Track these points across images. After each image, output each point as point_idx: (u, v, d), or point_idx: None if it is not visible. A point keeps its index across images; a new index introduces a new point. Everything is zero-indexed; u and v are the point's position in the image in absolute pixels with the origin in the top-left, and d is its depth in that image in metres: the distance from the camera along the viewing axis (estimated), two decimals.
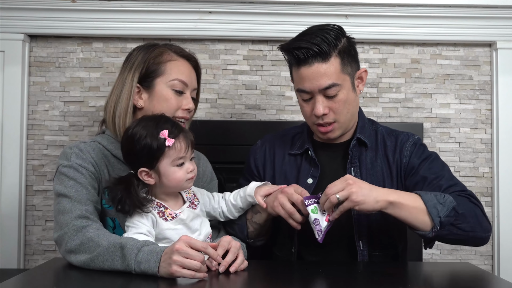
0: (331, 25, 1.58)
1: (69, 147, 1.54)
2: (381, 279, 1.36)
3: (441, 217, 1.42)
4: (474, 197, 1.53)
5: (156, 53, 1.59)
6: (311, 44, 1.52)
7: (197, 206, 1.47)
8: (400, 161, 1.61)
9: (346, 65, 1.56)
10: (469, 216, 1.46)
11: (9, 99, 2.19)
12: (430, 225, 1.43)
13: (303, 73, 1.54)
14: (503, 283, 1.37)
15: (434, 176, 1.55)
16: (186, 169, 1.41)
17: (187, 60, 1.64)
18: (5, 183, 2.17)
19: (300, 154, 1.69)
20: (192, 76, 1.64)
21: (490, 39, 2.22)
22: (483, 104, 2.26)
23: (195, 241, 1.24)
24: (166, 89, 1.57)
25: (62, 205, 1.44)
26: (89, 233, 1.36)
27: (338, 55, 1.54)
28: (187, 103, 1.59)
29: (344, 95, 1.55)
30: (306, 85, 1.55)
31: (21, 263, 2.17)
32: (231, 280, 1.29)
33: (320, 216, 1.47)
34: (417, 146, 1.63)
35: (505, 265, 2.19)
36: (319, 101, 1.55)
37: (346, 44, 1.57)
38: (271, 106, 2.26)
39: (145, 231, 1.36)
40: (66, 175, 1.48)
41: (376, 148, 1.64)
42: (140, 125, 1.41)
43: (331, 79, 1.53)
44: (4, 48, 2.18)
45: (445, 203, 1.43)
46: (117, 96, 1.58)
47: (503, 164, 2.21)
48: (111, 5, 2.16)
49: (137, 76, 1.57)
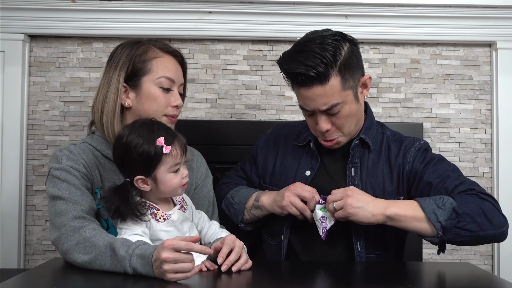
0: (329, 37, 1.50)
1: (59, 149, 1.54)
2: (380, 279, 1.36)
3: (441, 222, 1.41)
4: (484, 193, 1.50)
5: (141, 51, 1.57)
6: (307, 68, 1.46)
7: (186, 210, 1.47)
8: (403, 166, 1.59)
9: (347, 80, 1.51)
10: (474, 215, 1.43)
11: (9, 99, 2.19)
12: (433, 232, 1.43)
13: (303, 94, 1.52)
14: (503, 283, 1.37)
15: (439, 179, 1.53)
16: (182, 174, 1.41)
17: (173, 55, 1.61)
18: (5, 183, 2.18)
19: (303, 146, 1.69)
20: (179, 71, 1.62)
21: (490, 39, 2.22)
22: (483, 104, 2.26)
23: (179, 243, 1.22)
24: (154, 87, 1.55)
25: (57, 207, 1.44)
26: (86, 233, 1.36)
27: (338, 73, 1.48)
28: (176, 100, 1.58)
29: (346, 110, 1.53)
30: (307, 104, 1.53)
31: (21, 263, 2.17)
32: (231, 279, 1.29)
33: (328, 215, 1.51)
34: (421, 151, 1.61)
35: (505, 265, 2.19)
36: (322, 119, 1.53)
37: (347, 55, 1.50)
38: (271, 106, 2.26)
39: (139, 231, 1.36)
40: (59, 177, 1.47)
41: (380, 151, 1.63)
42: (135, 133, 1.38)
43: (331, 100, 1.49)
44: (4, 48, 2.18)
45: (444, 206, 1.42)
46: (103, 96, 1.56)
47: (503, 164, 2.21)
48: (111, 5, 2.16)
49: (123, 76, 1.55)
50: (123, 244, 1.29)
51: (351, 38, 1.55)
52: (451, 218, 1.41)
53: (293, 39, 2.19)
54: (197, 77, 2.25)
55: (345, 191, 1.46)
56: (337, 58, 1.48)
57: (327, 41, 1.49)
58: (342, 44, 1.50)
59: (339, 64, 1.48)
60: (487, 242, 1.54)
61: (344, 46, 1.50)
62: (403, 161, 1.60)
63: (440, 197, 1.45)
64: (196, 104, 2.25)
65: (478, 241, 1.50)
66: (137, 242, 1.30)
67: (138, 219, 1.36)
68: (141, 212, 1.37)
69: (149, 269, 1.23)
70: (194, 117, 2.24)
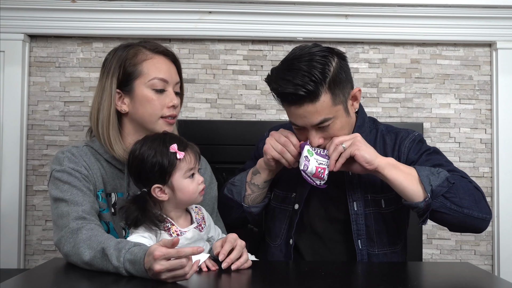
0: (317, 53, 1.48)
1: (61, 151, 1.54)
2: (381, 279, 1.36)
3: (432, 185, 1.44)
4: (475, 184, 1.53)
5: (131, 54, 1.54)
6: (296, 88, 1.44)
7: (203, 229, 1.47)
8: (398, 158, 1.60)
9: (337, 96, 1.50)
10: (463, 192, 1.46)
11: (9, 99, 2.19)
12: (422, 195, 1.46)
13: (294, 112, 1.51)
14: (503, 283, 1.37)
15: (431, 165, 1.55)
16: (197, 180, 1.42)
17: (164, 55, 1.58)
18: (5, 183, 2.18)
19: None
20: (172, 70, 1.58)
21: (490, 39, 2.22)
22: (483, 104, 2.26)
23: (168, 252, 1.19)
24: (147, 90, 1.53)
25: (60, 210, 1.44)
26: (82, 235, 1.36)
27: (328, 90, 1.47)
28: (171, 100, 1.55)
29: (337, 125, 1.53)
30: (298, 121, 1.52)
31: (21, 263, 2.17)
32: (232, 279, 1.29)
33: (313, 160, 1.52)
34: (416, 142, 1.62)
35: (505, 265, 2.19)
36: (313, 134, 1.53)
37: (336, 70, 1.48)
38: (271, 106, 2.26)
39: (146, 235, 1.37)
40: (60, 179, 1.48)
41: (375, 145, 1.63)
42: (146, 145, 1.41)
43: (322, 115, 1.49)
44: (4, 48, 2.18)
45: (438, 174, 1.46)
46: (98, 103, 1.55)
47: (503, 164, 2.21)
48: (111, 5, 2.16)
49: (115, 82, 1.53)
50: (115, 249, 1.28)
51: (339, 52, 1.54)
52: (442, 185, 1.45)
53: (293, 39, 2.21)
54: (197, 77, 2.26)
55: (354, 135, 1.51)
56: (326, 75, 1.46)
57: (315, 58, 1.47)
58: (330, 59, 1.48)
59: (329, 81, 1.47)
60: (468, 226, 1.52)
61: (333, 62, 1.49)
62: (399, 153, 1.61)
63: (436, 168, 1.49)
64: (196, 104, 2.25)
65: (459, 221, 1.49)
66: (128, 244, 1.28)
67: (156, 227, 1.37)
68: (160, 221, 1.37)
69: (143, 273, 1.22)
70: (194, 117, 2.24)
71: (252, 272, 1.36)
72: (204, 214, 1.51)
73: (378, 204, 1.60)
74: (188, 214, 1.48)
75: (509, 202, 2.20)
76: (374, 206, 1.60)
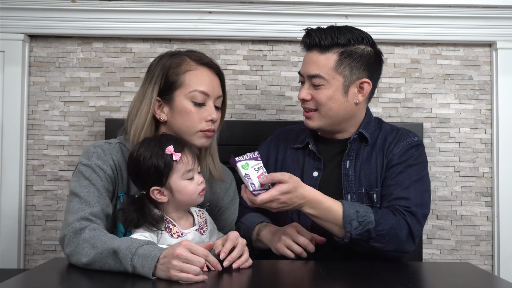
0: (363, 32, 1.63)
1: (93, 145, 1.52)
2: (381, 279, 1.36)
3: (352, 234, 1.47)
4: (415, 215, 1.53)
5: (175, 64, 1.53)
6: (319, 34, 1.59)
7: (205, 232, 1.47)
8: (388, 155, 1.64)
9: (343, 67, 1.58)
10: (387, 236, 1.49)
11: (9, 99, 2.19)
12: (342, 235, 1.50)
13: (305, 58, 1.65)
14: (503, 283, 1.38)
15: (393, 182, 1.58)
16: (197, 181, 1.42)
17: (208, 67, 1.56)
18: (5, 183, 2.17)
19: (302, 148, 1.73)
20: (215, 83, 1.56)
21: (490, 39, 2.22)
22: (483, 104, 2.26)
23: (196, 247, 1.23)
24: (186, 102, 1.51)
25: (71, 204, 1.43)
26: (85, 235, 1.35)
27: (338, 54, 1.59)
28: (210, 114, 1.52)
29: (329, 92, 1.59)
30: (303, 68, 1.64)
31: (21, 263, 2.17)
32: (232, 279, 1.29)
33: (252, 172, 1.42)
34: (409, 149, 1.64)
35: (505, 265, 2.19)
36: (305, 87, 1.63)
37: (361, 51, 1.60)
38: (271, 106, 2.26)
39: (147, 235, 1.37)
40: (83, 173, 1.47)
41: (375, 143, 1.67)
42: (143, 147, 1.41)
43: (318, 70, 1.58)
44: (4, 48, 2.18)
45: (363, 222, 1.47)
46: (137, 109, 1.54)
47: (503, 164, 2.21)
48: (111, 5, 2.16)
49: (157, 89, 1.52)
50: (126, 241, 1.29)
51: (379, 52, 1.67)
52: (363, 235, 1.47)
53: (293, 39, 2.21)
54: None
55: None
56: (346, 43, 1.59)
57: (356, 31, 1.62)
58: (362, 42, 1.61)
59: (345, 50, 1.59)
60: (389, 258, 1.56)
61: (364, 45, 1.61)
62: (392, 152, 1.64)
63: (365, 209, 1.49)
64: None
65: (381, 255, 1.54)
66: (142, 241, 1.29)
67: (155, 228, 1.38)
68: (158, 221, 1.38)
69: (149, 270, 1.22)
70: None
71: (252, 271, 1.36)
72: (207, 218, 1.51)
73: (371, 198, 1.63)
74: (190, 216, 1.48)
75: (509, 202, 2.20)
76: (367, 199, 1.62)
